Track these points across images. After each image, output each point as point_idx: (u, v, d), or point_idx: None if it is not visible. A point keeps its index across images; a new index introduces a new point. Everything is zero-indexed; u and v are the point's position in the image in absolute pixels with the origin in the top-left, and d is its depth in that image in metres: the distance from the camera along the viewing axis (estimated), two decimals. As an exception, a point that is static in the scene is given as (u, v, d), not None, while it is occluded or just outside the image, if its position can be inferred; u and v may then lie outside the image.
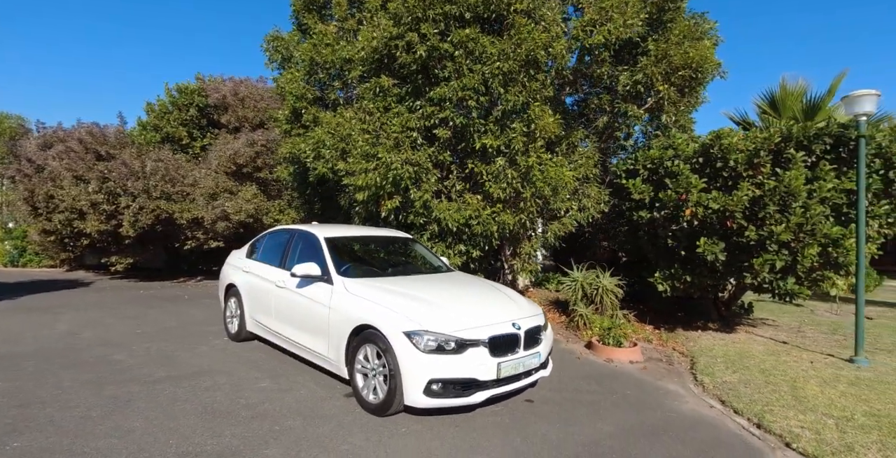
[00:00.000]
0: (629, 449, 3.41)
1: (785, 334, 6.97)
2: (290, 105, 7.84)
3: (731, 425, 3.91)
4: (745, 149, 5.61)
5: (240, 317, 5.86)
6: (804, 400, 4.16)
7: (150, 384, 4.38)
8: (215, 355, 5.37)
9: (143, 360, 5.15)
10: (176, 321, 7.23)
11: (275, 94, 8.35)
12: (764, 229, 5.38)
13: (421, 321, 3.70)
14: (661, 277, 6.54)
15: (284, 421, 3.66)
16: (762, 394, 4.35)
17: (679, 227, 6.27)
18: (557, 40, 5.52)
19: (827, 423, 3.68)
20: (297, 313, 4.76)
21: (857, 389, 4.44)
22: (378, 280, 4.58)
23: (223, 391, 4.27)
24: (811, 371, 4.98)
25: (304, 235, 5.36)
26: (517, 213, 6.01)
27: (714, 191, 5.76)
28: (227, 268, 6.43)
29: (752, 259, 5.50)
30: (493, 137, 5.69)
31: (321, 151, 6.80)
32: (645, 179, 6.64)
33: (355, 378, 4.02)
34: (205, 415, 3.73)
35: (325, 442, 3.34)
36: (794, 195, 5.21)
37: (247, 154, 10.27)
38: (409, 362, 3.57)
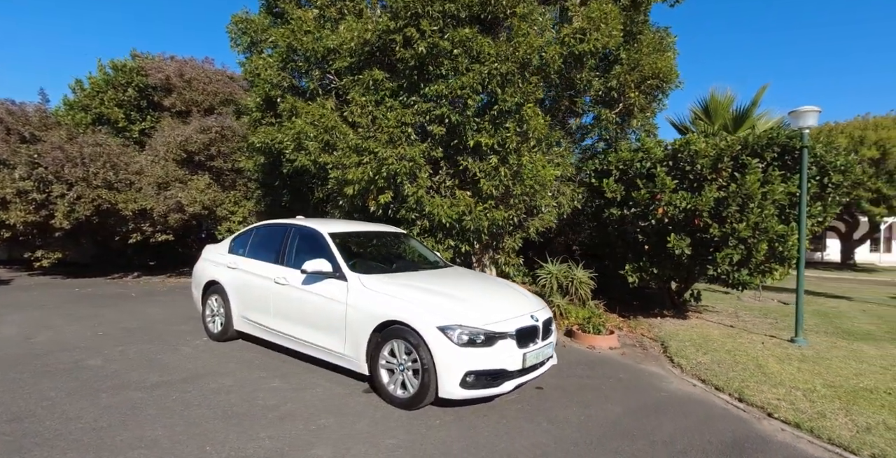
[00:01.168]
0: (644, 426, 3.77)
1: (728, 319, 7.88)
2: (262, 92, 7.45)
3: (716, 400, 4.42)
4: (710, 154, 6.25)
5: (225, 315, 5.57)
6: (771, 376, 4.80)
7: (149, 390, 4.09)
8: (205, 357, 5.09)
9: (125, 364, 4.76)
10: (137, 322, 6.69)
11: (243, 79, 7.86)
12: (726, 227, 6.05)
13: (453, 316, 3.80)
14: (631, 269, 7.12)
15: (316, 420, 3.62)
16: (735, 372, 4.95)
17: (647, 223, 6.86)
18: (551, 45, 5.78)
19: (797, 395, 4.30)
20: (304, 311, 4.64)
21: (808, 365, 5.19)
22: (393, 276, 4.59)
23: (235, 393, 4.09)
24: (766, 351, 5.73)
25: (302, 230, 5.20)
26: (507, 209, 6.23)
27: (681, 191, 6.37)
28: (205, 264, 6.06)
29: (716, 253, 6.17)
30: (487, 135, 5.85)
31: (304, 143, 6.57)
32: (617, 179, 7.16)
33: (379, 374, 4.04)
34: (228, 419, 3.58)
35: (369, 439, 3.36)
36: (752, 197, 5.91)
37: (200, 141, 9.58)
38: (444, 355, 3.66)
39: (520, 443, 3.39)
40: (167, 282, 10.85)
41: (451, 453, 3.21)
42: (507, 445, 3.35)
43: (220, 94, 10.84)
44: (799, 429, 3.74)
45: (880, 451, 3.28)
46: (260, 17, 7.90)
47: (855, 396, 4.26)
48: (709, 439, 3.57)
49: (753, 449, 3.43)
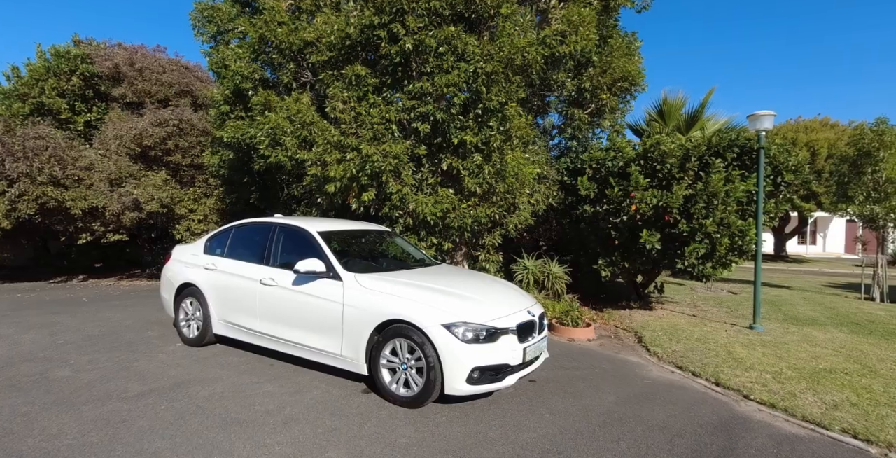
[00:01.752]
0: (638, 413, 3.97)
1: (689, 309, 8.39)
2: (230, 85, 7.12)
3: (696, 385, 4.72)
4: (678, 154, 6.62)
5: (202, 319, 5.32)
6: (741, 361, 5.17)
7: (133, 401, 3.85)
8: (185, 363, 4.84)
9: (99, 374, 4.45)
10: (98, 328, 6.24)
11: (210, 70, 7.45)
12: (693, 223, 6.44)
13: (457, 313, 3.84)
14: (605, 264, 7.42)
15: (322, 423, 3.55)
16: (708, 359, 5.30)
17: (619, 220, 7.17)
18: (533, 46, 5.90)
19: (767, 378, 4.67)
20: (296, 313, 4.51)
21: (771, 349, 5.63)
22: (388, 275, 4.56)
23: (229, 399, 3.94)
24: (731, 338, 6.16)
25: (287, 229, 5.05)
26: (490, 206, 6.32)
27: (651, 190, 6.70)
28: (178, 266, 5.75)
29: (685, 247, 6.55)
30: (472, 133, 5.90)
31: (281, 139, 6.36)
32: (590, 178, 7.42)
33: (381, 374, 4.01)
34: (229, 426, 3.45)
35: (380, 439, 3.34)
36: (716, 195, 6.32)
37: (156, 135, 9.00)
38: (450, 352, 3.69)
39: (528, 435, 3.49)
40: (119, 285, 10.17)
41: (465, 448, 3.25)
42: (516, 437, 3.44)
43: (176, 85, 10.22)
44: (774, 409, 4.06)
45: (849, 425, 3.63)
46: (227, 5, 7.54)
47: (817, 376, 4.68)
48: (698, 422, 3.82)
49: (739, 429, 3.69)
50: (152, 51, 10.90)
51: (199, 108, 10.55)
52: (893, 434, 3.46)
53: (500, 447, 3.28)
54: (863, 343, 6.08)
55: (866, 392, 4.26)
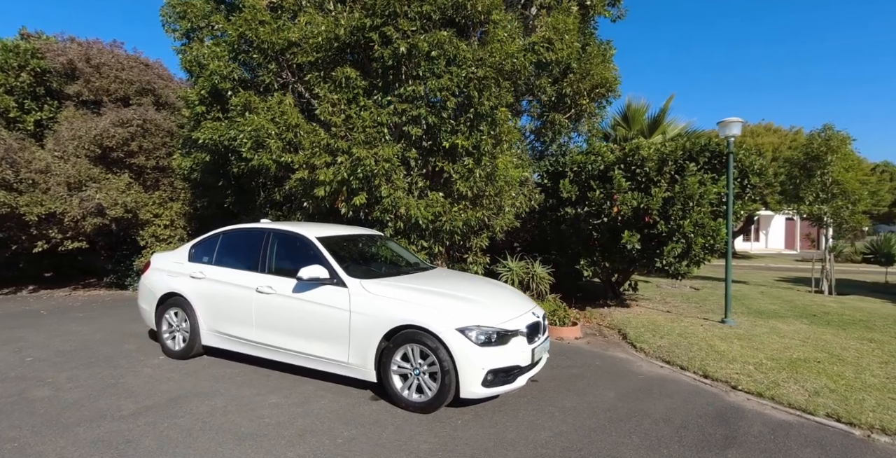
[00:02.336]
0: (640, 407, 4.13)
1: (662, 305, 8.79)
2: (207, 84, 6.84)
3: (685, 378, 4.97)
4: (655, 158, 6.94)
5: (189, 330, 5.09)
6: (723, 354, 5.49)
7: (131, 419, 3.64)
8: (175, 377, 4.61)
9: (83, 393, 4.16)
10: (68, 343, 5.83)
11: (183, 68, 7.09)
12: (671, 223, 6.77)
13: (469, 317, 3.87)
14: (587, 263, 7.66)
15: (339, 433, 3.49)
16: (692, 353, 5.58)
17: (600, 221, 7.43)
18: (520, 52, 6.02)
19: (749, 369, 4.98)
20: (298, 321, 4.40)
21: (747, 342, 6.00)
22: (391, 280, 4.53)
23: (234, 413, 3.79)
24: (708, 332, 6.51)
25: (283, 235, 4.92)
26: (480, 209, 6.40)
27: (631, 192, 6.99)
28: (159, 275, 5.47)
29: (663, 247, 6.87)
30: (463, 137, 5.95)
31: (265, 141, 6.18)
32: (571, 181, 7.65)
33: (391, 380, 3.98)
34: (242, 441, 3.33)
35: (403, 446, 3.32)
36: (692, 197, 6.67)
37: (119, 136, 8.48)
38: (465, 356, 3.72)
39: (545, 434, 3.57)
40: (76, 296, 9.52)
41: (488, 451, 3.29)
42: (534, 437, 3.51)
43: (137, 82, 9.66)
44: (762, 398, 4.34)
45: (832, 410, 3.94)
46: (200, 1, 7.23)
47: (794, 366, 5.04)
48: (697, 413, 4.03)
49: (735, 418, 3.93)
50: (108, 46, 10.25)
51: (161, 107, 10.03)
52: (873, 417, 3.78)
53: (522, 448, 3.34)
54: (824, 333, 6.58)
55: (840, 379, 4.63)
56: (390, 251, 5.67)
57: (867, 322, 7.32)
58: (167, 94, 10.08)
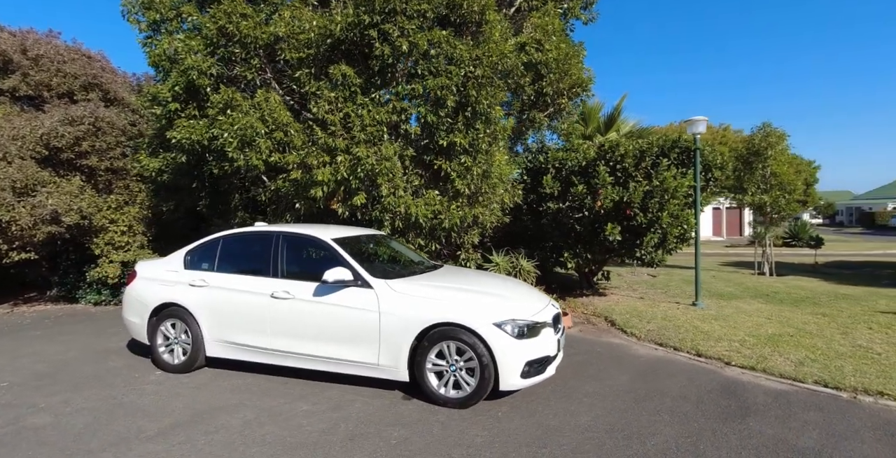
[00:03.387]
0: (655, 387, 4.44)
1: (633, 293, 9.36)
2: (180, 80, 6.41)
3: (681, 358, 5.38)
4: (633, 154, 7.37)
5: (191, 342, 4.80)
6: (708, 334, 5.97)
7: (162, 439, 3.42)
8: (185, 392, 4.35)
9: (91, 416, 3.84)
10: (40, 364, 5.30)
11: (152, 64, 6.53)
12: (650, 215, 7.23)
13: (504, 312, 3.98)
14: (570, 256, 8.00)
15: (389, 434, 3.48)
16: (680, 334, 6.03)
17: (581, 215, 7.79)
18: (512, 53, 6.17)
19: (736, 346, 5.47)
20: (321, 325, 4.30)
21: (722, 322, 6.56)
22: (414, 279, 4.53)
23: (270, 424, 3.66)
24: (686, 315, 7.04)
25: (294, 237, 4.77)
26: (477, 206, 6.51)
27: (612, 186, 7.38)
28: (149, 285, 5.10)
29: (643, 238, 7.32)
30: (462, 135, 6.02)
31: (254, 141, 5.92)
32: (553, 177, 7.94)
33: (427, 378, 4.01)
34: (296, 451, 3.24)
35: (458, 441, 3.38)
36: (668, 190, 7.16)
37: (69, 135, 7.72)
38: (504, 350, 3.82)
39: (584, 418, 3.75)
40: (20, 312, 8.57)
41: (541, 438, 3.42)
42: (576, 421, 3.69)
43: (82, 76, 8.79)
44: (755, 371, 4.80)
45: (819, 378, 4.44)
46: (170, -10, 6.75)
47: (773, 341, 5.60)
48: (706, 389, 4.39)
49: (740, 391, 4.32)
50: (45, 36, 9.27)
51: (110, 103, 9.22)
52: (854, 381, 4.32)
53: (570, 433, 3.50)
54: (782, 311, 7.33)
55: (816, 350, 5.22)
56: (395, 251, 5.64)
57: (813, 299, 8.24)
58: (116, 89, 9.28)
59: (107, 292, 8.93)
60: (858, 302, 7.96)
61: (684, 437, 3.43)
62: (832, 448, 3.23)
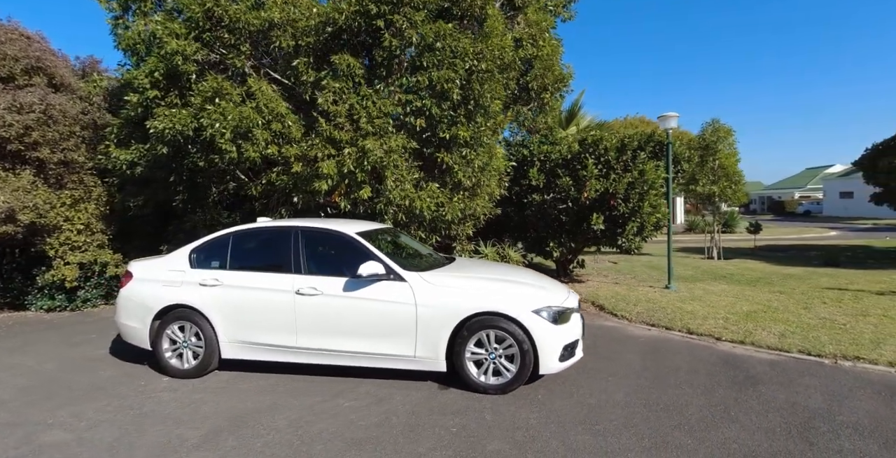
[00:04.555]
0: (664, 364, 4.79)
1: (607, 279, 9.89)
2: (160, 66, 5.96)
3: (676, 337, 5.82)
4: (616, 148, 7.79)
5: (204, 345, 4.56)
6: (693, 314, 6.49)
7: (213, 447, 3.27)
8: (207, 397, 4.15)
9: (116, 428, 3.57)
10: (21, 378, 4.80)
11: (125, 47, 5.93)
12: (632, 205, 7.69)
13: (539, 299, 4.14)
14: (555, 245, 8.33)
15: (445, 423, 3.54)
16: (668, 315, 6.51)
17: (566, 206, 8.13)
18: (510, 48, 6.29)
19: (721, 323, 6.00)
20: (354, 320, 4.25)
21: (699, 303, 7.14)
22: (443, 271, 4.58)
23: (319, 422, 3.60)
24: (665, 298, 7.58)
25: (316, 232, 4.65)
26: (476, 198, 6.62)
27: (597, 179, 7.76)
28: (150, 286, 4.77)
29: (625, 226, 7.78)
30: (464, 128, 6.08)
31: (251, 132, 5.65)
32: (539, 169, 8.21)
33: (466, 367, 4.09)
34: (363, 445, 3.23)
35: (514, 424, 3.50)
36: (648, 181, 7.65)
37: (18, 124, 6.91)
38: (543, 336, 3.99)
39: (618, 395, 4.01)
40: (-44, 323, 7.61)
41: (588, 416, 3.62)
42: (613, 399, 3.93)
43: (24, 59, 7.83)
44: (744, 344, 5.31)
45: (802, 347, 5.00)
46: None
47: (751, 317, 6.19)
48: (710, 362, 4.81)
49: (738, 362, 4.78)
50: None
51: (57, 89, 8.32)
52: (832, 348, 4.91)
53: (613, 409, 3.73)
54: (744, 290, 8.09)
55: (790, 323, 5.84)
56: (407, 244, 5.62)
57: (766, 279, 9.14)
58: (62, 73, 8.38)
59: (61, 296, 8.15)
60: (804, 280, 8.95)
61: (713, 406, 3.77)
62: (838, 407, 3.69)
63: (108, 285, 8.43)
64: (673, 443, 3.18)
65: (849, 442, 3.14)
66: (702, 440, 3.23)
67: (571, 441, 3.24)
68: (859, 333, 5.33)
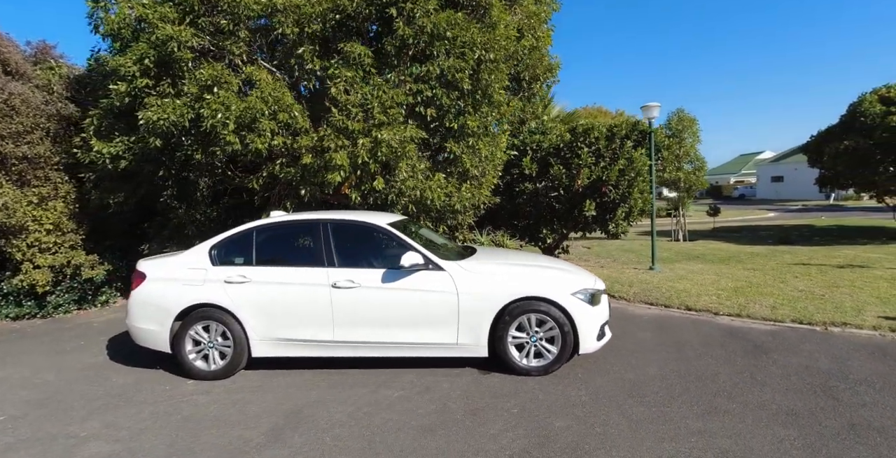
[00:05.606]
0: (673, 339, 5.10)
1: (590, 263, 10.31)
2: (151, 52, 5.58)
3: (676, 314, 6.21)
4: (607, 137, 8.10)
5: (234, 344, 4.40)
6: (685, 291, 6.93)
7: (282, 444, 3.22)
8: (249, 396, 4.04)
9: (165, 435, 3.42)
10: (24, 392, 4.45)
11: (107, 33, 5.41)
12: (620, 191, 8.04)
13: (575, 283, 4.32)
14: (549, 231, 8.59)
15: (503, 405, 3.66)
16: (663, 293, 6.91)
17: (557, 193, 8.39)
18: (512, 40, 6.37)
19: (714, 298, 6.45)
20: (394, 311, 4.26)
21: (687, 281, 7.62)
22: (478, 259, 4.64)
23: (380, 412, 3.62)
24: (655, 278, 8.03)
25: (347, 224, 4.60)
26: (483, 188, 6.71)
27: (587, 167, 8.05)
28: (169, 286, 4.53)
29: (615, 212, 8.13)
30: (472, 118, 6.12)
31: (259, 123, 5.44)
32: (532, 159, 8.39)
33: (509, 351, 4.21)
34: (435, 431, 3.29)
35: (567, 402, 3.66)
36: (636, 169, 8.02)
37: (-26, 115, 6.25)
38: (583, 317, 4.17)
39: (651, 370, 4.27)
40: None
41: (633, 390, 3.84)
42: (647, 372, 4.19)
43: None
44: (741, 317, 5.76)
45: (793, 317, 5.50)
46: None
47: (739, 292, 6.69)
48: (716, 335, 5.19)
49: (742, 334, 5.19)
50: None
51: (13, 77, 7.54)
52: (820, 317, 5.42)
53: (653, 382, 3.98)
54: (721, 269, 8.70)
55: (776, 296, 6.38)
56: (427, 235, 5.63)
57: (735, 258, 9.86)
58: (16, 60, 7.61)
59: (31, 303, 7.52)
60: (769, 258, 9.73)
61: (739, 373, 4.10)
62: (846, 367, 4.12)
63: (82, 288, 7.88)
64: (720, 408, 3.46)
65: (868, 397, 3.53)
66: (744, 403, 3.52)
67: (630, 413, 3.44)
68: (839, 302, 5.92)
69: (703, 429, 3.17)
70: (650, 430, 3.19)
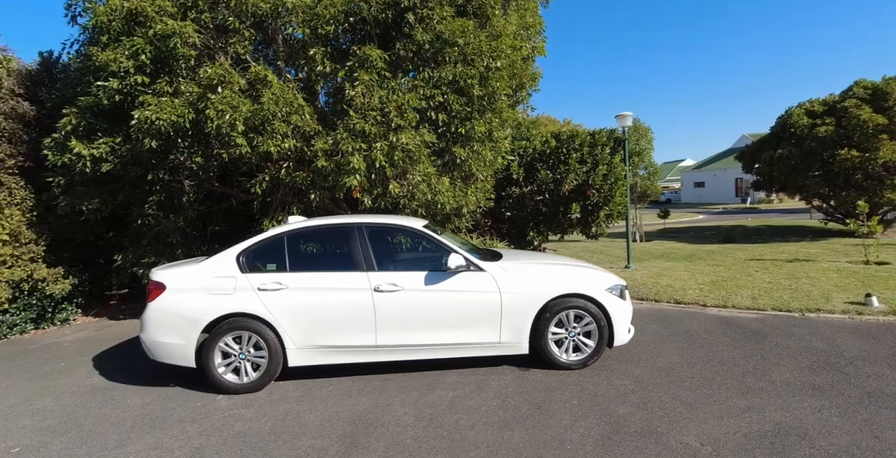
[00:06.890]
0: (675, 330, 5.54)
1: (566, 264, 10.78)
2: (148, 48, 5.24)
3: (667, 307, 6.71)
4: (590, 143, 8.57)
5: (269, 354, 4.23)
6: (670, 286, 7.48)
7: (360, 452, 3.17)
8: (297, 407, 3.91)
9: (233, 454, 3.24)
10: (31, 418, 4.01)
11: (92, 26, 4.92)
12: (603, 194, 8.55)
13: (607, 280, 4.59)
14: (535, 234, 8.91)
15: (560, 397, 3.82)
16: (650, 289, 7.43)
17: (542, 197, 8.75)
18: (511, 48, 6.63)
19: (698, 292, 7.03)
20: (439, 312, 4.30)
21: (667, 277, 8.21)
22: (512, 260, 4.78)
23: (444, 414, 3.65)
24: (636, 275, 8.57)
25: (383, 228, 4.60)
26: (481, 191, 6.88)
27: (573, 172, 8.48)
28: (194, 296, 4.27)
29: (598, 214, 8.62)
30: (479, 123, 6.28)
31: (270, 124, 5.28)
32: (519, 164, 8.70)
33: (549, 347, 4.39)
34: (513, 425, 3.38)
35: (617, 391, 3.89)
36: (615, 174, 8.56)
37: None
38: (618, 311, 4.45)
39: (675, 359, 4.61)
40: None
41: (668, 377, 4.15)
42: (672, 361, 4.52)
43: None
44: (727, 308, 6.34)
45: (774, 305, 6.13)
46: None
47: (717, 286, 7.33)
48: (714, 325, 5.69)
49: (735, 322, 5.72)
50: None
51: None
52: (795, 304, 6.09)
53: (683, 369, 4.31)
54: (689, 266, 9.44)
55: (752, 288, 7.06)
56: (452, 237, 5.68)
57: (696, 256, 10.72)
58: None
59: (-15, 322, 6.70)
60: (725, 255, 10.67)
61: (752, 356, 4.55)
62: (837, 346, 4.69)
63: (41, 305, 7.14)
64: (754, 387, 3.83)
65: (869, 369, 4.06)
66: (771, 382, 3.92)
67: (680, 397, 3.72)
68: (807, 291, 6.68)
69: (751, 406, 3.51)
70: (706, 410, 3.48)
